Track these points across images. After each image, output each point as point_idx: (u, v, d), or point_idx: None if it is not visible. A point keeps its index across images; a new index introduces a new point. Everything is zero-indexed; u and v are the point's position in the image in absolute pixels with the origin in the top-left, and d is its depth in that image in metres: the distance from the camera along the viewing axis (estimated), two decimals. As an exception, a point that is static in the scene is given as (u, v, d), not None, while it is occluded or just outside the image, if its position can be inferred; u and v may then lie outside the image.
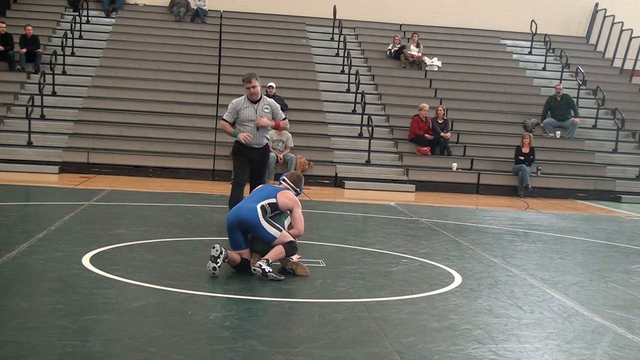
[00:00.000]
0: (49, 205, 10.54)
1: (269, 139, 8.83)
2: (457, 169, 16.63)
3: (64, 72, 18.40)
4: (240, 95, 8.74)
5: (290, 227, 6.57)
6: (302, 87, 19.03)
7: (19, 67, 18.20)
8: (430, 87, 19.92)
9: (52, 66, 17.70)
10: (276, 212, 6.45)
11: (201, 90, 18.20)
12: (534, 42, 22.76)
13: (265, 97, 8.62)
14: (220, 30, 19.98)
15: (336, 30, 21.66)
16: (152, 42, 20.48)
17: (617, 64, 22.54)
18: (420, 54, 20.84)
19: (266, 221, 6.30)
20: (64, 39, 18.72)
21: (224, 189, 13.23)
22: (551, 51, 22.72)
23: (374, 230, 9.85)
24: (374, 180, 16.00)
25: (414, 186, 15.90)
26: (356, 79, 18.71)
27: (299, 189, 6.79)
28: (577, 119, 18.50)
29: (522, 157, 16.44)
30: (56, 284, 5.80)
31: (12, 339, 4.37)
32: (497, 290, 6.41)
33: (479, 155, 17.25)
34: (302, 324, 5.02)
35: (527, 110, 19.33)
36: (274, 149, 15.34)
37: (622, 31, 22.47)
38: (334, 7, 21.61)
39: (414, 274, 6.90)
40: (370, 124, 16.59)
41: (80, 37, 19.95)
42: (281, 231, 6.33)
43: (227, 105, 8.72)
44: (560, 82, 19.73)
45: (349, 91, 19.13)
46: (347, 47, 20.39)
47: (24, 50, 18.16)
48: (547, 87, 20.29)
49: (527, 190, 16.19)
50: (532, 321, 5.44)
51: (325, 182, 16.00)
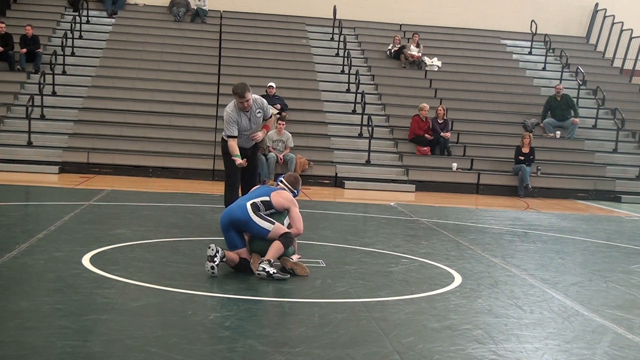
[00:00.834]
0: (49, 205, 10.54)
1: (299, 190, 8.60)
2: (457, 169, 16.63)
3: (64, 72, 18.40)
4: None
5: (289, 227, 6.57)
6: (302, 87, 19.03)
7: (19, 67, 18.20)
8: (430, 87, 19.92)
9: (52, 66, 17.70)
10: (273, 211, 6.45)
11: (201, 90, 18.20)
12: (534, 42, 22.75)
13: (255, 97, 8.38)
14: (220, 30, 20.00)
15: (336, 30, 21.66)
16: (152, 42, 20.48)
17: (617, 64, 22.54)
18: (420, 54, 20.84)
19: (257, 216, 6.30)
20: (64, 39, 18.72)
21: (224, 189, 13.22)
22: (551, 51, 22.72)
23: (374, 230, 9.85)
24: (374, 180, 16.00)
25: (414, 186, 15.90)
26: (356, 79, 18.71)
27: (296, 191, 6.79)
28: (577, 119, 18.50)
29: (522, 157, 16.44)
30: (56, 284, 5.80)
31: (12, 339, 4.37)
32: (497, 290, 6.41)
33: (479, 155, 17.25)
34: (302, 324, 5.02)
35: (527, 110, 19.33)
36: (274, 149, 15.35)
37: (622, 31, 22.48)
38: (334, 7, 21.61)
39: (414, 274, 6.90)
40: (370, 124, 16.59)
41: (80, 37, 19.95)
42: (274, 224, 6.32)
43: (227, 104, 8.54)
44: (560, 82, 19.73)
45: (349, 91, 19.13)
46: (347, 47, 20.39)
47: (24, 50, 18.15)
48: (547, 87, 20.29)
49: (527, 190, 16.19)
50: (532, 321, 5.44)
51: (325, 182, 16.00)
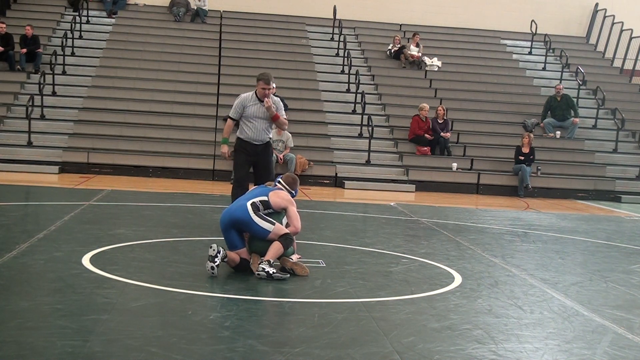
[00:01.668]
0: (49, 205, 10.54)
1: (270, 137, 8.79)
2: (457, 169, 16.63)
3: (64, 72, 18.40)
4: (240, 93, 8.80)
5: (287, 226, 6.57)
6: (302, 87, 19.03)
7: (19, 67, 18.20)
8: (430, 87, 19.92)
9: (52, 66, 17.70)
10: (270, 211, 6.45)
11: (201, 90, 18.20)
12: (534, 42, 22.76)
13: (272, 96, 8.60)
14: (220, 30, 19.98)
15: (336, 30, 21.66)
16: (152, 42, 20.49)
17: (617, 64, 22.54)
18: (420, 54, 20.84)
19: (258, 216, 6.30)
20: (64, 39, 18.72)
21: (224, 189, 13.24)
22: (551, 51, 22.72)
23: (374, 230, 9.84)
24: (374, 180, 16.00)
25: (414, 186, 15.91)
26: (356, 79, 18.71)
27: (294, 191, 6.78)
28: (577, 119, 18.50)
29: (522, 157, 16.44)
30: (56, 284, 5.80)
31: (12, 339, 4.37)
32: (497, 290, 6.41)
33: (479, 155, 17.25)
34: (302, 324, 5.02)
35: (527, 110, 19.33)
36: (274, 149, 15.34)
37: (622, 31, 22.47)
38: (334, 7, 21.61)
39: (414, 274, 6.90)
40: (370, 124, 16.59)
41: (80, 37, 19.95)
42: (274, 224, 6.33)
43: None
44: (560, 82, 19.72)
45: (349, 91, 19.13)
46: (347, 47, 20.39)
47: (24, 50, 18.16)
48: (547, 87, 20.29)
49: (527, 190, 16.19)
50: (532, 321, 5.44)
51: (325, 182, 15.99)
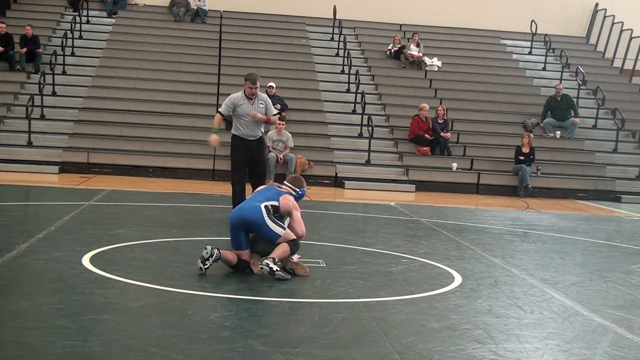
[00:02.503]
0: (49, 205, 10.54)
1: (262, 132, 9.43)
2: (457, 169, 16.63)
3: (64, 72, 18.40)
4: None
5: (290, 229, 6.56)
6: (302, 87, 19.03)
7: (19, 67, 18.20)
8: (430, 87, 19.92)
9: (52, 66, 17.70)
10: (277, 215, 6.45)
11: (201, 90, 18.20)
12: (534, 42, 22.75)
13: (260, 93, 9.27)
14: (220, 30, 19.99)
15: (336, 30, 21.66)
16: (152, 42, 20.48)
17: (617, 64, 22.54)
18: (420, 54, 20.84)
19: (271, 220, 6.30)
20: (64, 39, 18.72)
21: (224, 189, 13.24)
22: (551, 51, 22.72)
23: (374, 230, 9.85)
24: (374, 180, 16.00)
25: (414, 186, 15.91)
26: (356, 79, 18.70)
27: (300, 190, 6.75)
28: (577, 119, 18.50)
29: (522, 157, 16.44)
30: (56, 284, 5.80)
31: (12, 339, 4.37)
32: (497, 290, 6.41)
33: (479, 155, 17.25)
34: (302, 324, 5.02)
35: (527, 110, 19.33)
36: (274, 148, 15.35)
37: (622, 31, 22.47)
38: (334, 7, 21.61)
39: (414, 274, 6.90)
40: (370, 124, 16.59)
41: (80, 37, 19.95)
42: (285, 229, 6.35)
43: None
44: (560, 82, 19.73)
45: (349, 91, 19.13)
46: (347, 47, 20.39)
47: (24, 49, 18.16)
48: (547, 87, 20.28)
49: (527, 190, 16.19)
50: (532, 321, 5.44)
51: (325, 182, 15.99)
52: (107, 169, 15.40)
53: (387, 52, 21.34)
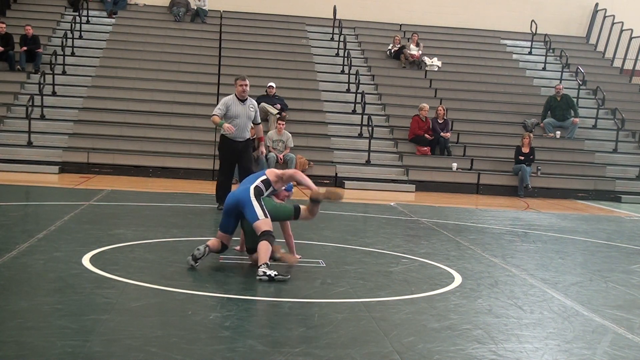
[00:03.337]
0: (49, 205, 10.54)
1: (250, 135, 10.29)
2: (457, 169, 16.63)
3: (64, 72, 18.40)
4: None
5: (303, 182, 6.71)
6: (302, 87, 19.03)
7: (19, 67, 18.20)
8: (430, 87, 19.92)
9: (52, 66, 17.70)
10: (272, 190, 6.66)
11: (201, 90, 18.20)
12: (534, 42, 22.76)
13: (250, 98, 10.11)
14: (220, 30, 19.99)
15: (336, 30, 21.66)
16: (152, 42, 20.48)
17: (617, 64, 22.54)
18: (420, 54, 20.84)
19: (257, 201, 6.48)
20: (64, 39, 18.72)
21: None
22: (551, 51, 22.72)
23: (374, 230, 9.85)
24: (374, 180, 16.00)
25: (414, 186, 15.91)
26: (356, 79, 18.70)
27: (289, 187, 6.97)
28: (577, 119, 18.50)
29: (522, 157, 16.44)
30: (56, 284, 5.80)
31: (12, 339, 4.37)
32: (497, 290, 6.41)
33: (479, 155, 17.26)
34: (302, 324, 5.02)
35: (527, 110, 19.33)
36: (274, 148, 15.35)
37: (622, 31, 22.47)
38: (334, 7, 21.61)
39: (414, 274, 6.90)
40: (370, 124, 16.59)
41: (80, 37, 19.95)
42: (267, 217, 6.44)
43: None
44: (560, 82, 19.73)
45: (349, 91, 19.13)
46: (347, 47, 20.39)
47: (25, 48, 18.14)
48: (547, 87, 20.28)
49: (527, 190, 16.19)
50: (532, 321, 5.44)
51: (325, 182, 15.97)
52: (107, 169, 15.40)
53: (387, 52, 21.34)
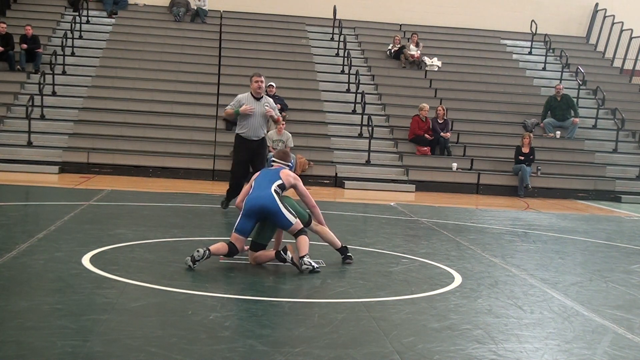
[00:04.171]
0: (49, 205, 10.54)
1: (265, 133, 10.04)
2: (457, 169, 16.63)
3: (64, 72, 18.40)
4: (240, 93, 10.11)
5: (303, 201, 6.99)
6: (302, 87, 19.03)
7: (19, 67, 18.21)
8: (430, 87, 19.92)
9: (52, 66, 17.70)
10: (284, 192, 6.81)
11: (201, 90, 18.20)
12: (534, 42, 22.75)
13: (265, 96, 9.79)
14: (220, 30, 19.98)
15: (336, 30, 21.66)
16: (152, 42, 20.48)
17: (617, 64, 22.54)
18: (420, 54, 20.84)
19: (285, 207, 6.62)
20: (64, 39, 18.72)
21: (224, 189, 13.19)
22: (551, 51, 22.72)
23: (374, 230, 9.85)
24: (374, 180, 16.00)
25: (414, 186, 15.91)
26: (356, 79, 18.70)
27: (290, 164, 7.12)
28: (577, 119, 18.50)
29: (522, 157, 16.44)
30: (56, 284, 5.80)
31: (12, 339, 4.37)
32: (497, 290, 6.41)
33: (479, 155, 17.26)
34: (302, 324, 5.02)
35: (527, 110, 19.33)
36: (273, 148, 15.34)
37: (622, 31, 22.47)
38: (334, 7, 21.61)
39: (414, 274, 6.90)
40: (370, 124, 16.59)
41: (80, 37, 19.95)
42: (297, 219, 6.67)
43: (227, 104, 10.05)
44: (560, 82, 19.72)
45: (349, 91, 19.13)
46: (347, 47, 20.39)
47: (25, 46, 18.13)
48: (547, 87, 20.28)
49: (527, 190, 16.19)
50: (532, 321, 5.44)
51: (325, 182, 15.99)
52: (107, 169, 15.40)
53: (387, 52, 21.34)
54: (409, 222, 10.79)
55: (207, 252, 6.41)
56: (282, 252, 6.57)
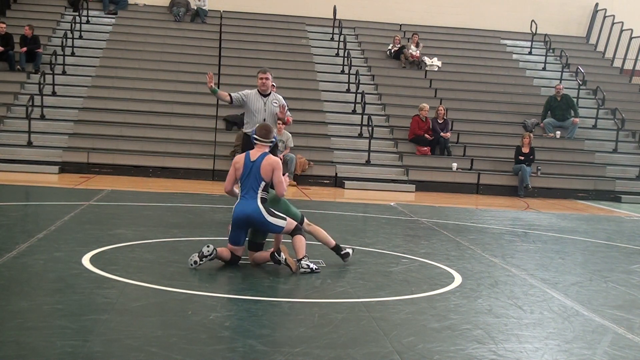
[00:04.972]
0: (49, 205, 10.54)
1: (276, 137, 8.67)
2: (457, 169, 16.63)
3: (64, 72, 18.40)
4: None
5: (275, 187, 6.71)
6: (302, 87, 19.03)
7: (19, 67, 18.20)
8: (430, 87, 19.92)
9: (52, 66, 17.70)
10: (269, 191, 6.67)
11: (201, 90, 18.14)
12: (534, 42, 22.75)
13: (274, 93, 8.94)
14: (220, 30, 19.98)
15: (336, 30, 21.66)
16: (152, 42, 20.48)
17: (617, 64, 22.54)
18: (420, 54, 20.84)
19: (271, 215, 6.52)
20: (64, 39, 18.72)
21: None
22: (551, 51, 22.72)
23: (374, 230, 9.84)
24: (374, 180, 16.00)
25: (414, 186, 15.91)
26: (356, 79, 18.70)
27: (273, 140, 6.84)
28: (577, 119, 18.50)
29: (522, 157, 16.44)
30: (56, 284, 5.80)
31: (12, 339, 4.37)
32: (497, 290, 6.41)
33: (479, 155, 17.26)
34: (302, 324, 5.02)
35: (527, 110, 19.33)
36: (274, 149, 15.33)
37: (622, 31, 22.47)
38: (334, 7, 21.61)
39: (414, 274, 6.90)
40: (370, 124, 16.59)
41: (80, 37, 19.94)
42: (286, 219, 6.57)
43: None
44: (560, 82, 19.72)
45: (349, 91, 19.12)
46: (347, 47, 20.39)
47: (25, 48, 18.14)
48: (547, 87, 20.28)
49: (527, 190, 16.19)
50: (532, 321, 5.44)
51: (325, 182, 15.99)
52: (107, 169, 15.40)
53: (387, 52, 21.34)
54: (409, 222, 10.79)
55: (215, 251, 6.42)
56: (276, 253, 6.57)
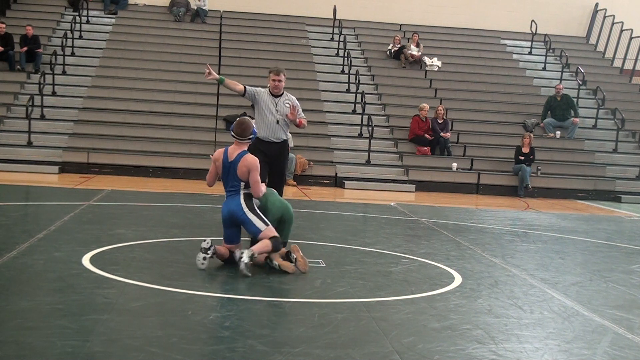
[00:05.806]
0: (49, 205, 10.54)
1: (287, 136, 8.48)
2: (457, 169, 16.63)
3: (64, 72, 18.40)
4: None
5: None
6: (302, 87, 19.00)
7: (19, 67, 18.20)
8: (430, 87, 19.92)
9: (52, 66, 17.70)
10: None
11: (201, 90, 18.19)
12: (534, 42, 22.76)
13: (287, 93, 8.52)
14: (220, 30, 19.99)
15: (336, 30, 21.66)
16: (152, 42, 20.48)
17: (617, 64, 22.54)
18: (420, 54, 20.84)
19: (252, 213, 6.56)
20: (64, 39, 18.72)
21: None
22: (551, 51, 22.72)
23: (374, 230, 9.84)
24: (374, 180, 16.00)
25: (414, 186, 15.91)
26: (356, 79, 18.71)
27: (251, 136, 6.69)
28: (577, 119, 18.50)
29: (522, 157, 16.44)
30: (56, 284, 5.80)
31: (12, 339, 4.37)
32: (497, 290, 6.41)
33: (479, 155, 17.26)
34: (302, 324, 5.02)
35: (527, 110, 19.33)
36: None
37: (622, 31, 22.48)
38: (334, 7, 21.61)
39: (414, 274, 6.90)
40: (370, 124, 16.59)
41: (80, 37, 19.95)
42: (268, 226, 6.55)
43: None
44: (560, 82, 19.73)
45: (349, 91, 19.13)
46: (347, 47, 20.39)
47: (25, 48, 18.14)
48: (547, 87, 20.29)
49: (527, 190, 16.19)
50: (532, 321, 5.44)
51: (325, 182, 15.99)
52: (107, 169, 15.40)
53: (387, 52, 21.34)
54: (409, 222, 10.79)
55: (213, 247, 6.44)
56: (270, 258, 6.55)
